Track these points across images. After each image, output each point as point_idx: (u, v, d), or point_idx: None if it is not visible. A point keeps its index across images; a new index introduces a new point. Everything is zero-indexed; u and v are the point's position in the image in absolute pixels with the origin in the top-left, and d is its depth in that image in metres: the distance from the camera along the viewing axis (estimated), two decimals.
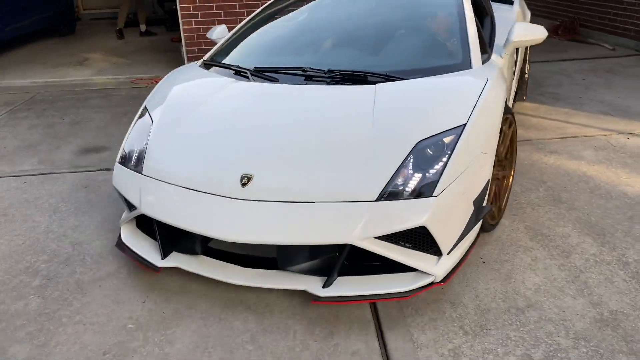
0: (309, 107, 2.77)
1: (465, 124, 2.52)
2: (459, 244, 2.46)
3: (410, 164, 2.40)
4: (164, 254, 2.60)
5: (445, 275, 2.38)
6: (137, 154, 2.79)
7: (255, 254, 2.55)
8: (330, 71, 3.04)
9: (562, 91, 5.70)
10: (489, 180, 2.63)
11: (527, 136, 4.50)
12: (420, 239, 2.35)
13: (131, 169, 2.75)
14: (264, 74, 3.14)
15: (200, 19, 6.75)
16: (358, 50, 3.41)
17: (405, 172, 2.37)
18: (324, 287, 2.34)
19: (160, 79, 3.52)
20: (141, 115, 3.07)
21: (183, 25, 6.82)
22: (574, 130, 4.60)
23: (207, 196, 2.44)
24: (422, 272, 2.36)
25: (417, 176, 2.37)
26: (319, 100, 2.83)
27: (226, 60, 3.46)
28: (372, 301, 2.44)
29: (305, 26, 3.83)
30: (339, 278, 2.38)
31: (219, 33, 3.98)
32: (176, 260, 2.59)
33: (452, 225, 2.39)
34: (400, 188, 2.34)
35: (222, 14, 6.75)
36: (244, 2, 6.73)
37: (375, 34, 3.53)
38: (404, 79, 2.91)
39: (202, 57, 3.90)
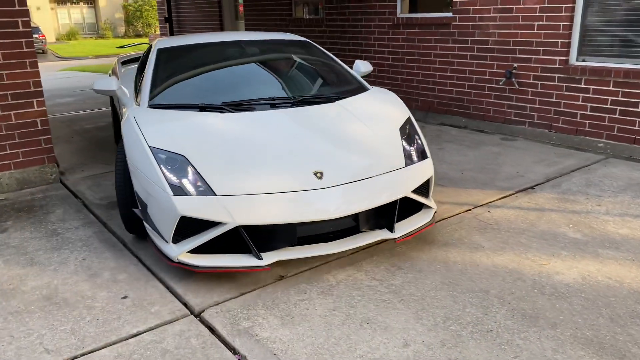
0: (309, 120, 3.61)
1: (409, 115, 3.88)
2: None
3: (404, 141, 3.58)
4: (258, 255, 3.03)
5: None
6: (194, 184, 3.06)
7: (332, 229, 3.18)
8: (293, 98, 3.93)
9: None
10: None
11: None
12: (424, 188, 3.51)
13: (203, 195, 3.00)
14: (238, 106, 3.71)
15: None
16: (279, 83, 4.24)
17: (406, 147, 3.55)
18: (392, 231, 3.28)
19: None
20: (153, 155, 3.21)
21: None
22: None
23: (296, 193, 3.04)
24: (428, 207, 3.57)
25: (413, 148, 3.57)
26: (312, 116, 3.67)
27: (174, 101, 3.82)
28: (423, 230, 3.49)
29: (216, 68, 4.35)
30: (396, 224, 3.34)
31: (104, 84, 4.13)
32: (274, 256, 3.04)
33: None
34: (411, 157, 3.51)
35: None
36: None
37: (278, 71, 4.43)
38: (344, 97, 3.98)
39: None
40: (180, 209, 2.98)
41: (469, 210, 4.11)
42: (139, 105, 3.83)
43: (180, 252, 3.04)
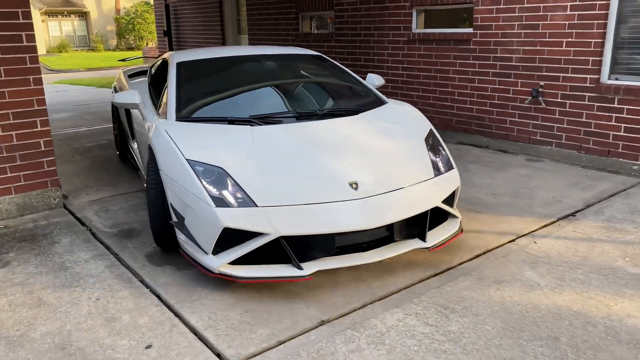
0: (337, 132, 3.69)
1: (431, 126, 3.95)
2: None
3: (430, 152, 3.67)
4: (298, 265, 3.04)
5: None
6: (235, 196, 3.08)
7: (367, 239, 3.21)
8: (317, 111, 4.01)
9: None
10: None
11: (436, 263, 3.45)
12: (450, 197, 3.58)
13: (244, 207, 3.03)
14: (265, 120, 3.78)
15: None
16: (301, 97, 4.33)
17: (433, 158, 3.64)
18: (424, 241, 3.34)
19: None
20: (190, 166, 3.23)
21: None
22: (476, 243, 3.77)
23: (334, 204, 3.09)
24: (454, 217, 3.64)
25: (439, 159, 3.67)
26: (339, 128, 3.74)
27: (201, 115, 3.87)
28: (453, 239, 3.51)
29: (238, 82, 4.41)
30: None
31: (127, 98, 4.15)
32: (314, 265, 3.06)
33: None
34: (439, 167, 3.61)
35: None
36: None
37: (298, 85, 4.52)
38: (366, 110, 4.07)
39: None
40: (223, 220, 3.00)
41: (513, 240, 3.81)
42: (165, 119, 3.86)
43: (221, 264, 3.06)
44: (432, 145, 3.73)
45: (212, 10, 11.55)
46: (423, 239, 3.33)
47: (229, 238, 3.06)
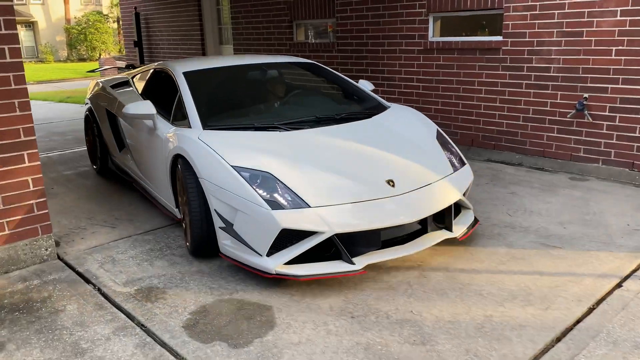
0: (361, 134, 3.93)
1: (436, 127, 4.28)
2: None
3: (443, 150, 3.93)
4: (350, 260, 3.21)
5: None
6: (286, 198, 3.21)
7: (405, 233, 3.45)
8: (335, 115, 4.20)
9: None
10: None
11: (544, 319, 2.83)
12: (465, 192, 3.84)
13: (298, 208, 3.17)
14: (289, 125, 3.93)
15: None
16: (314, 103, 4.75)
17: (447, 155, 3.89)
18: (451, 231, 3.60)
19: None
20: (239, 172, 3.35)
21: None
22: (578, 289, 3.16)
23: (376, 201, 3.29)
24: (467, 208, 3.90)
25: (452, 155, 3.94)
26: (361, 130, 4.00)
27: (226, 123, 4.01)
28: (475, 228, 3.82)
29: (251, 90, 4.75)
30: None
31: (142, 109, 4.16)
32: (364, 259, 3.24)
33: None
34: (454, 163, 3.86)
35: None
36: None
37: (308, 91, 5.09)
38: (375, 114, 4.30)
39: None
40: (281, 221, 3.12)
41: (620, 285, 3.23)
42: (189, 128, 3.93)
43: (278, 264, 3.18)
44: (443, 143, 4.03)
45: (190, 19, 10.71)
46: (450, 229, 3.62)
47: (283, 239, 3.18)
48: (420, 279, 3.37)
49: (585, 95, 5.32)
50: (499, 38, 5.89)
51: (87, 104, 6.02)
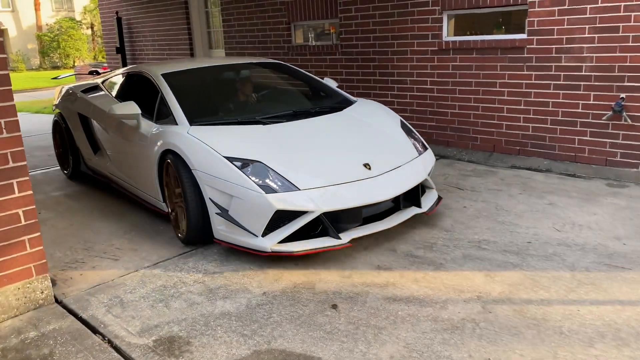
0: (336, 125, 4.35)
1: (399, 117, 4.72)
2: None
3: (407, 136, 4.37)
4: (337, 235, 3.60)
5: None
6: (276, 183, 3.54)
7: (380, 210, 3.87)
8: (310, 109, 4.61)
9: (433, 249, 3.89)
10: None
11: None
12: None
13: (288, 191, 3.51)
14: (269, 119, 4.26)
15: None
16: (286, 98, 5.20)
17: (412, 141, 4.34)
18: (419, 207, 4.05)
19: None
20: (235, 164, 3.66)
21: None
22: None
23: (356, 183, 3.69)
24: (430, 188, 4.32)
25: (415, 142, 4.36)
26: (336, 121, 4.39)
27: (211, 119, 4.29)
28: (439, 204, 4.31)
29: (228, 88, 5.08)
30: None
31: (129, 109, 4.37)
32: (349, 234, 3.64)
33: None
34: (418, 148, 4.30)
35: None
36: None
37: (279, 88, 5.52)
38: (345, 107, 4.65)
39: None
40: (275, 203, 3.44)
41: None
42: (175, 125, 4.17)
43: (273, 243, 3.49)
44: (407, 131, 4.46)
45: (177, 23, 10.13)
46: (419, 206, 4.06)
47: (275, 220, 3.48)
48: (485, 315, 2.92)
49: (622, 95, 4.95)
50: (523, 36, 5.49)
51: (55, 109, 6.18)
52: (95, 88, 5.65)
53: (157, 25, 10.75)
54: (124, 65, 11.31)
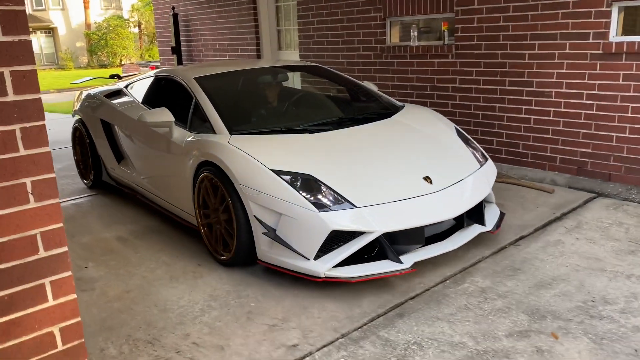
0: (389, 133, 3.97)
1: (453, 124, 4.31)
2: None
3: (465, 145, 3.97)
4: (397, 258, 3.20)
5: None
6: (330, 199, 3.18)
7: (444, 229, 3.49)
8: (357, 116, 4.22)
9: None
10: None
11: None
12: None
13: (344, 208, 3.16)
14: (317, 126, 3.90)
15: None
16: (330, 105, 4.84)
17: (471, 151, 3.94)
18: (483, 224, 3.64)
19: None
20: (281, 178, 3.30)
21: None
22: None
23: (418, 198, 3.32)
24: (490, 202, 3.91)
25: (474, 151, 3.96)
26: (387, 129, 4.02)
27: (252, 127, 3.96)
28: (502, 220, 3.84)
29: (265, 93, 4.69)
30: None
31: (162, 117, 4.01)
32: (411, 258, 3.23)
33: None
34: (478, 158, 3.90)
35: None
36: None
37: (320, 94, 5.24)
38: (394, 113, 4.26)
39: None
40: (330, 223, 3.10)
41: None
42: (213, 133, 3.83)
43: (327, 267, 3.12)
44: (464, 139, 4.05)
45: (243, 20, 8.85)
46: (482, 223, 3.65)
47: (328, 241, 3.12)
48: None
49: None
50: None
51: (75, 115, 5.74)
52: (118, 93, 5.30)
53: (218, 23, 9.51)
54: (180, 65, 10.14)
